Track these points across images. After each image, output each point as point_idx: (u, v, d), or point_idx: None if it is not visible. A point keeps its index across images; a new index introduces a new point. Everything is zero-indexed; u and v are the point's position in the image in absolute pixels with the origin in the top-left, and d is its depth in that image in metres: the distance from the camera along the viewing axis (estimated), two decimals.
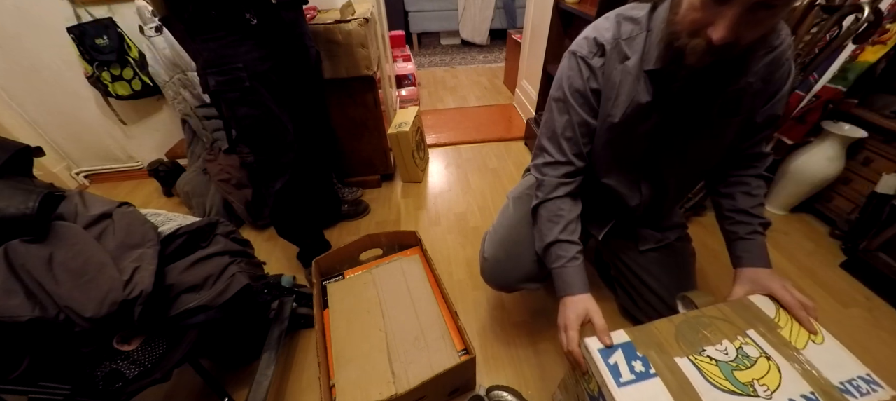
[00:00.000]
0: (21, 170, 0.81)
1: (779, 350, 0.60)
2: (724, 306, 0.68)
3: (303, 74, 1.13)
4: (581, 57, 0.71)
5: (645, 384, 0.57)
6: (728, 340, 0.62)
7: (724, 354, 0.61)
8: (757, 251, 0.74)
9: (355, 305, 1.04)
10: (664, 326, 0.65)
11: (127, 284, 0.67)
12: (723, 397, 0.55)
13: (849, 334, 1.10)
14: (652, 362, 0.60)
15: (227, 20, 0.89)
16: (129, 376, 0.71)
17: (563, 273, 0.74)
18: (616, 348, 0.62)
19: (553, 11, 1.85)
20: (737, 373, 0.58)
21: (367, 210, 1.68)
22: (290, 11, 1.03)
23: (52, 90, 1.70)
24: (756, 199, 0.77)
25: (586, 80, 0.71)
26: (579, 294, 0.72)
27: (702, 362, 0.60)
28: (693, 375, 0.58)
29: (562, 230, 0.76)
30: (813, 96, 1.28)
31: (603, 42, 0.69)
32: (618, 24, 0.68)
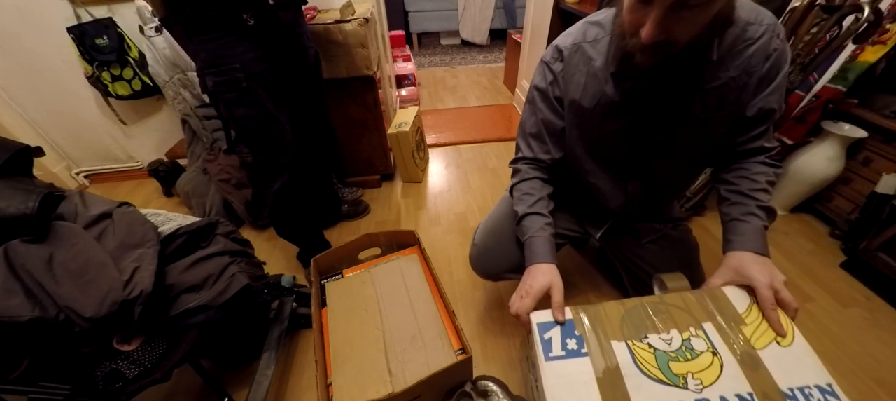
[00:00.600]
0: (21, 170, 0.81)
1: (730, 347, 0.58)
2: (688, 294, 0.66)
3: (301, 75, 1.13)
4: (545, 62, 0.77)
5: (573, 361, 0.58)
6: (677, 330, 0.61)
7: (667, 343, 0.60)
8: (749, 234, 0.69)
9: (353, 304, 1.04)
10: (614, 309, 0.65)
11: (127, 284, 0.67)
12: (648, 384, 0.55)
13: (849, 333, 1.10)
14: (587, 341, 0.61)
15: (224, 21, 0.89)
16: (129, 376, 0.71)
17: (531, 243, 0.78)
18: (555, 325, 0.64)
19: (553, 11, 1.86)
20: (672, 363, 0.57)
21: (367, 210, 1.68)
22: (288, 12, 1.04)
23: (52, 90, 1.71)
24: (756, 182, 0.72)
25: (549, 84, 0.77)
26: (545, 264, 0.74)
27: (639, 347, 0.59)
28: (624, 359, 0.58)
29: (531, 205, 0.81)
30: (813, 96, 1.28)
31: (562, 47, 0.74)
32: (583, 30, 0.73)
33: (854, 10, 1.09)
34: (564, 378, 0.57)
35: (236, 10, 0.89)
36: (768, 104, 0.68)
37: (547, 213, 0.81)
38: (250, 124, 1.02)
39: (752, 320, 0.61)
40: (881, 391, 0.96)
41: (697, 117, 0.69)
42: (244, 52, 0.93)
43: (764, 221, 0.71)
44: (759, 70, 0.65)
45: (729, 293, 0.65)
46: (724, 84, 0.65)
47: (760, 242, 0.69)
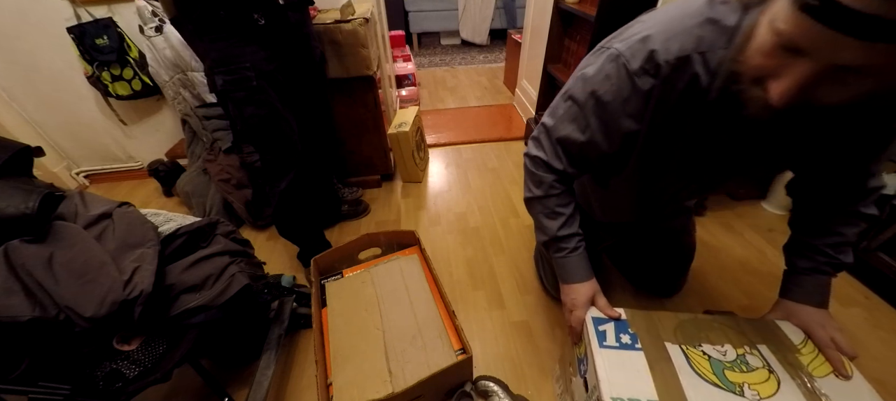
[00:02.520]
0: (21, 170, 0.81)
1: (787, 369, 0.57)
2: (742, 319, 0.65)
3: (308, 74, 1.14)
4: (629, 71, 0.54)
5: (627, 353, 0.60)
6: (731, 345, 0.61)
7: (722, 354, 0.60)
8: (808, 287, 0.64)
9: (353, 304, 1.04)
10: (668, 317, 0.65)
11: (127, 284, 0.67)
12: (703, 386, 0.55)
13: (849, 333, 1.10)
14: (640, 339, 0.62)
15: (235, 20, 0.90)
16: (129, 376, 0.71)
17: (568, 264, 0.74)
18: (609, 320, 0.66)
19: (553, 11, 1.86)
20: (728, 372, 0.57)
21: (367, 210, 1.68)
22: (297, 12, 1.05)
23: (52, 90, 1.71)
24: (844, 235, 0.64)
25: (623, 101, 0.57)
26: (583, 282, 0.72)
27: (693, 353, 0.60)
28: (679, 360, 0.58)
29: (562, 226, 0.73)
30: None
31: (661, 62, 0.51)
32: (697, 33, 0.49)
33: None
34: (618, 365, 0.58)
35: (247, 10, 0.91)
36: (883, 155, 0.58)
37: (578, 230, 0.75)
38: (259, 124, 1.02)
39: (808, 352, 0.61)
40: (881, 391, 0.95)
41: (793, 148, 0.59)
42: (254, 52, 0.94)
43: (831, 274, 0.65)
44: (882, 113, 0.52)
45: (782, 325, 0.65)
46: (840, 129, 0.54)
47: (822, 296, 0.64)
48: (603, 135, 0.62)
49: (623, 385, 0.56)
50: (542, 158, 0.71)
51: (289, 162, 1.11)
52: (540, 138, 0.72)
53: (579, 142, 0.64)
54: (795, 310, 0.64)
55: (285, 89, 1.04)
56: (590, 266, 0.74)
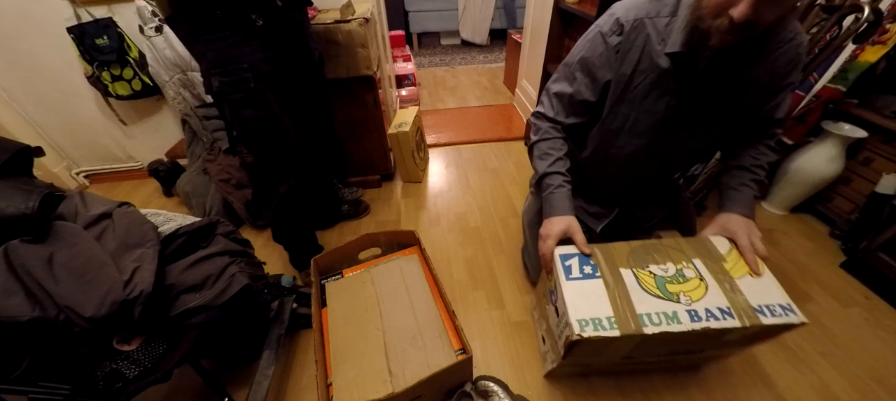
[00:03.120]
0: (21, 170, 0.81)
1: (714, 276, 0.74)
2: (681, 239, 0.82)
3: (306, 76, 1.13)
4: (602, 33, 0.75)
5: (588, 281, 0.75)
6: (672, 262, 0.77)
7: (664, 271, 0.76)
8: (738, 200, 0.82)
9: (353, 304, 1.04)
10: (622, 247, 0.81)
11: (127, 284, 0.67)
12: (648, 298, 0.71)
13: (849, 333, 1.10)
14: (600, 268, 0.77)
15: (233, 20, 0.88)
16: (129, 376, 0.71)
17: (551, 198, 0.86)
18: (574, 255, 0.80)
19: (553, 11, 1.86)
20: (668, 285, 0.73)
21: (367, 210, 1.68)
22: (296, 13, 1.03)
23: (52, 90, 1.71)
24: (757, 159, 0.83)
25: (598, 56, 0.77)
26: (562, 215, 0.84)
27: (642, 274, 0.75)
28: (630, 281, 0.74)
29: (550, 164, 0.86)
30: (813, 96, 1.28)
31: (624, 21, 0.72)
32: (646, 4, 0.71)
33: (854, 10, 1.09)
34: (582, 293, 0.72)
35: (245, 10, 0.89)
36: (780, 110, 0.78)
37: (565, 171, 0.86)
38: (256, 127, 1.01)
39: (731, 259, 0.77)
40: (881, 391, 0.96)
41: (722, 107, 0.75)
42: (252, 53, 0.92)
43: (755, 192, 0.82)
44: (781, 73, 0.71)
45: (713, 240, 0.82)
46: (749, 80, 0.71)
47: (748, 207, 0.81)
48: (586, 84, 0.81)
49: (586, 309, 0.70)
50: (540, 111, 0.90)
51: (286, 166, 1.09)
52: (541, 99, 0.91)
53: (569, 92, 0.83)
54: (728, 220, 0.81)
55: (283, 91, 1.02)
56: (571, 206, 0.85)
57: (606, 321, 0.68)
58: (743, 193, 0.82)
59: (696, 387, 0.98)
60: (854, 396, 0.96)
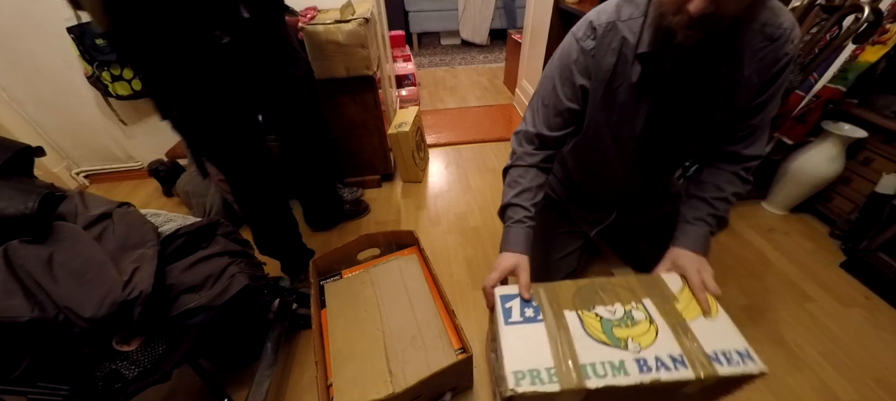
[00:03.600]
0: (22, 170, 0.81)
1: (665, 318, 0.67)
2: (632, 277, 0.75)
3: (289, 90, 1.05)
4: (576, 38, 0.74)
5: (529, 326, 0.66)
6: (621, 303, 0.70)
7: (612, 313, 0.68)
8: (691, 235, 0.77)
9: (353, 304, 1.04)
10: (567, 286, 0.73)
11: (126, 284, 0.67)
12: (594, 346, 0.63)
13: (849, 333, 1.10)
14: (542, 310, 0.68)
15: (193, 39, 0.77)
16: (128, 376, 0.71)
17: (508, 232, 0.80)
18: (515, 296, 0.71)
19: (553, 11, 1.85)
20: (616, 329, 0.66)
21: (368, 210, 1.68)
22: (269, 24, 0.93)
23: (52, 90, 1.71)
24: (722, 191, 0.78)
25: (573, 62, 0.75)
26: (514, 252, 0.77)
27: (587, 316, 0.68)
28: (574, 325, 0.66)
29: (516, 195, 0.81)
30: (813, 96, 1.28)
31: (596, 25, 0.72)
32: (618, 8, 0.70)
33: (854, 10, 1.09)
34: (521, 340, 0.64)
35: (207, 26, 0.77)
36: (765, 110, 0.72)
37: (529, 205, 0.81)
38: (225, 154, 0.95)
39: (683, 299, 0.71)
40: (881, 391, 0.96)
41: (708, 109, 0.72)
42: (218, 74, 0.83)
43: (712, 228, 0.78)
44: (767, 73, 0.67)
45: (666, 278, 0.75)
46: (737, 81, 0.67)
47: (701, 243, 0.76)
48: (563, 90, 0.78)
49: (524, 358, 0.62)
50: (522, 128, 0.84)
51: (261, 190, 1.05)
52: (524, 115, 0.85)
53: (549, 101, 0.80)
54: (678, 256, 0.75)
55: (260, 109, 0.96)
56: (527, 245, 0.79)
57: (545, 373, 0.60)
58: (697, 228, 0.77)
59: None
60: (854, 396, 0.95)
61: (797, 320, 1.15)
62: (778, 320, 1.15)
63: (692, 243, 0.76)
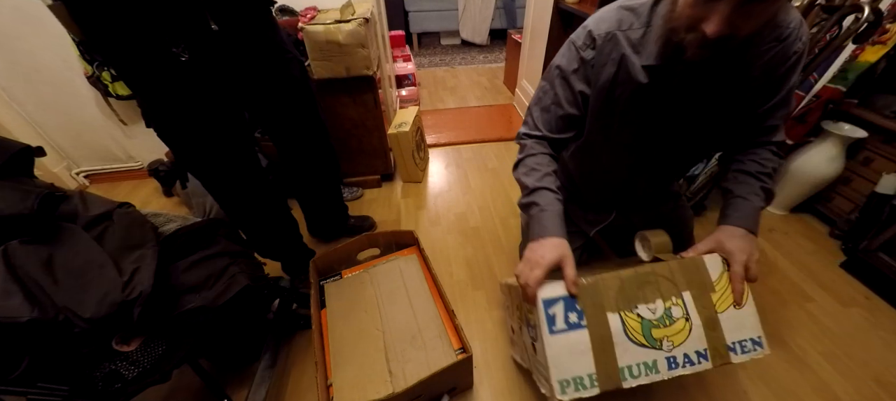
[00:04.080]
0: (22, 170, 0.81)
1: (700, 313, 0.69)
2: (674, 263, 0.72)
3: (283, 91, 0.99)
4: (576, 46, 0.74)
5: (573, 333, 0.66)
6: (661, 299, 0.70)
7: (652, 312, 0.69)
8: (743, 211, 0.73)
9: (353, 304, 1.04)
10: (612, 281, 0.70)
11: (126, 284, 0.67)
12: (632, 348, 0.66)
13: (849, 333, 1.10)
14: (585, 315, 0.67)
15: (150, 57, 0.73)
16: (128, 376, 0.71)
17: (542, 216, 0.75)
18: (558, 299, 0.68)
19: (553, 11, 1.86)
20: (654, 330, 0.68)
21: (374, 227, 1.59)
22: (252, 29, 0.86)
23: (52, 90, 1.71)
24: (764, 166, 0.75)
25: (573, 70, 0.74)
26: (553, 237, 0.72)
27: (629, 318, 0.68)
28: (616, 328, 0.67)
29: (539, 179, 0.78)
30: (813, 96, 1.28)
31: (596, 35, 0.70)
32: (618, 17, 0.69)
33: (854, 10, 1.09)
34: (565, 348, 0.66)
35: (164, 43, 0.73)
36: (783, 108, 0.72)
37: (556, 188, 0.78)
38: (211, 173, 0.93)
39: (720, 288, 0.71)
40: (881, 391, 0.96)
41: (714, 112, 0.72)
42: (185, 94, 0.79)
43: (762, 202, 0.74)
44: (777, 70, 0.67)
45: (708, 262, 0.72)
46: (744, 84, 0.67)
47: (753, 220, 0.73)
48: (564, 96, 0.77)
49: (568, 367, 0.65)
50: (524, 131, 0.84)
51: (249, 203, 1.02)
52: (525, 118, 0.85)
53: (549, 105, 0.80)
54: (728, 237, 0.72)
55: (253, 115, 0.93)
56: (564, 229, 0.74)
57: (588, 379, 0.64)
58: (750, 203, 0.73)
59: (696, 387, 0.98)
60: (854, 396, 0.95)
61: (797, 319, 1.15)
62: (778, 320, 1.15)
63: (743, 221, 0.72)
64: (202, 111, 0.84)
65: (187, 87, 0.79)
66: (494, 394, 0.99)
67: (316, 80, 1.42)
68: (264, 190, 1.05)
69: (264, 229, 1.12)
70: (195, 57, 0.76)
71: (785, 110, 0.73)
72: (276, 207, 1.13)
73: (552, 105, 0.79)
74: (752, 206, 0.74)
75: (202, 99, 0.82)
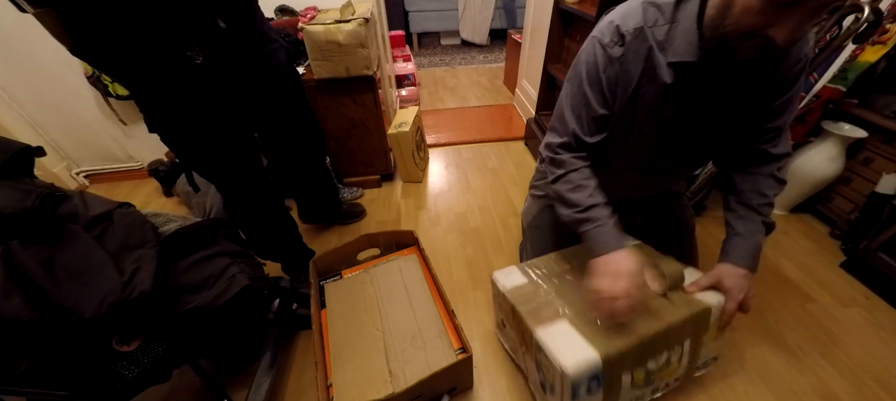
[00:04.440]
0: (22, 170, 0.81)
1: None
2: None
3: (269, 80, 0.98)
4: (602, 44, 0.70)
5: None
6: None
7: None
8: (743, 251, 0.76)
9: (353, 304, 1.04)
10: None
11: (126, 285, 0.67)
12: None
13: (849, 333, 1.10)
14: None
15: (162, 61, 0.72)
16: (128, 376, 0.71)
17: (601, 233, 0.74)
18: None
19: (553, 11, 1.85)
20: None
21: (364, 214, 1.66)
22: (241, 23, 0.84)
23: (52, 90, 1.71)
24: (765, 197, 0.77)
25: (603, 70, 0.71)
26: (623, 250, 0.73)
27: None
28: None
29: (589, 195, 0.76)
30: (813, 96, 1.28)
31: (625, 32, 0.68)
32: (643, 12, 0.67)
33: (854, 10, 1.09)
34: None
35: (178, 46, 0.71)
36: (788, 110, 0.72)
37: (606, 202, 0.77)
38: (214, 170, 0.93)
39: (713, 325, 0.77)
40: (881, 391, 0.96)
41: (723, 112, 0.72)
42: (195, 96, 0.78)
43: (762, 238, 0.77)
44: (786, 74, 0.67)
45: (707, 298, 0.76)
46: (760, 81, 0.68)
47: (752, 259, 0.76)
48: (596, 98, 0.75)
49: None
50: (556, 141, 0.80)
51: (253, 201, 1.03)
52: (554, 126, 0.82)
53: (581, 110, 0.77)
54: (727, 276, 0.76)
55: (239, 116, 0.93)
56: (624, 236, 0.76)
57: None
58: (748, 242, 0.75)
59: (696, 387, 0.98)
60: (854, 396, 0.95)
61: (797, 320, 1.15)
62: (778, 320, 1.15)
63: (743, 261, 0.75)
64: (212, 113, 0.84)
65: (201, 90, 0.79)
66: (494, 394, 0.99)
67: (316, 80, 1.42)
68: (265, 190, 1.05)
69: (265, 229, 1.12)
70: (209, 58, 0.76)
71: (787, 116, 0.73)
72: (277, 206, 1.13)
73: (583, 108, 0.76)
74: (753, 244, 0.76)
75: (214, 101, 0.83)
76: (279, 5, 1.68)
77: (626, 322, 0.72)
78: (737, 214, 0.78)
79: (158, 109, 0.80)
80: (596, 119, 0.77)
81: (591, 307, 0.74)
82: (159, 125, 0.82)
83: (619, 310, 0.68)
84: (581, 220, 0.77)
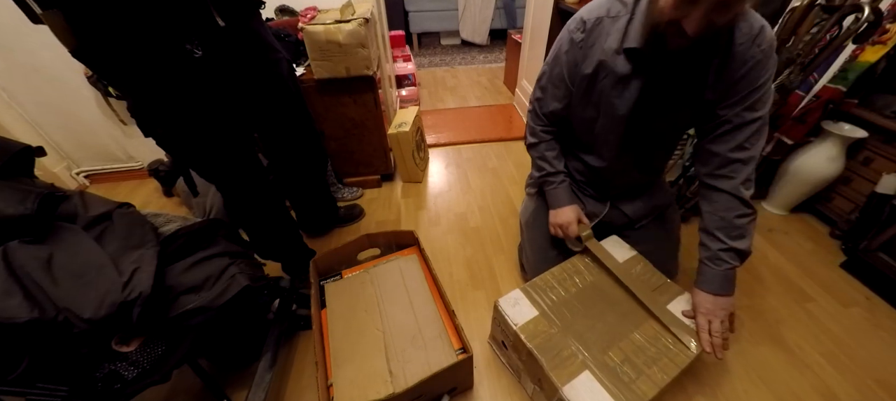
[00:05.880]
0: (23, 170, 0.81)
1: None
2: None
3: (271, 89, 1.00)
4: (569, 30, 0.83)
5: None
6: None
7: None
8: (707, 277, 0.81)
9: (353, 304, 1.04)
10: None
11: (126, 285, 0.67)
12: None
13: (849, 333, 1.10)
14: None
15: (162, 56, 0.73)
16: (127, 377, 0.71)
17: (557, 192, 1.01)
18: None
19: (553, 11, 1.85)
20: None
21: (362, 214, 1.65)
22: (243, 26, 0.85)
23: (52, 90, 1.71)
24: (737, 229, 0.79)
25: (565, 53, 0.84)
26: (571, 205, 1.00)
27: None
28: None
29: (550, 163, 1.00)
30: (813, 96, 1.28)
31: (586, 19, 0.79)
32: (607, 5, 0.77)
33: (854, 10, 1.09)
34: None
35: (178, 40, 0.72)
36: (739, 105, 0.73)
37: (562, 168, 1.00)
38: (213, 170, 0.94)
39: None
40: (881, 391, 0.96)
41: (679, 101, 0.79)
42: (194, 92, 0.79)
43: (730, 263, 0.80)
44: (734, 76, 0.71)
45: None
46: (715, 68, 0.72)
47: (718, 284, 0.80)
48: (563, 74, 0.87)
49: None
50: (534, 107, 0.98)
51: (254, 200, 1.03)
52: (533, 96, 0.99)
53: (551, 84, 0.91)
54: (702, 301, 0.82)
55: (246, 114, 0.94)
56: (573, 196, 1.02)
57: None
58: (711, 268, 0.81)
59: (694, 387, 0.98)
60: (854, 396, 0.95)
61: (797, 320, 1.15)
62: (778, 320, 1.15)
63: (708, 285, 0.81)
64: (212, 108, 0.84)
65: (200, 85, 0.80)
66: (494, 394, 0.99)
67: (316, 80, 1.42)
68: (265, 190, 1.05)
69: (265, 229, 1.12)
70: (207, 53, 0.77)
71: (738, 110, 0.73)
72: (277, 206, 1.13)
73: (555, 79, 0.89)
74: (715, 272, 0.80)
75: (213, 95, 0.83)
76: (279, 5, 1.68)
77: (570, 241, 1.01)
78: (701, 241, 0.85)
79: (158, 106, 0.79)
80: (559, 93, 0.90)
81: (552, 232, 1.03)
82: (158, 125, 0.82)
83: (565, 234, 1.00)
84: (544, 182, 1.03)
